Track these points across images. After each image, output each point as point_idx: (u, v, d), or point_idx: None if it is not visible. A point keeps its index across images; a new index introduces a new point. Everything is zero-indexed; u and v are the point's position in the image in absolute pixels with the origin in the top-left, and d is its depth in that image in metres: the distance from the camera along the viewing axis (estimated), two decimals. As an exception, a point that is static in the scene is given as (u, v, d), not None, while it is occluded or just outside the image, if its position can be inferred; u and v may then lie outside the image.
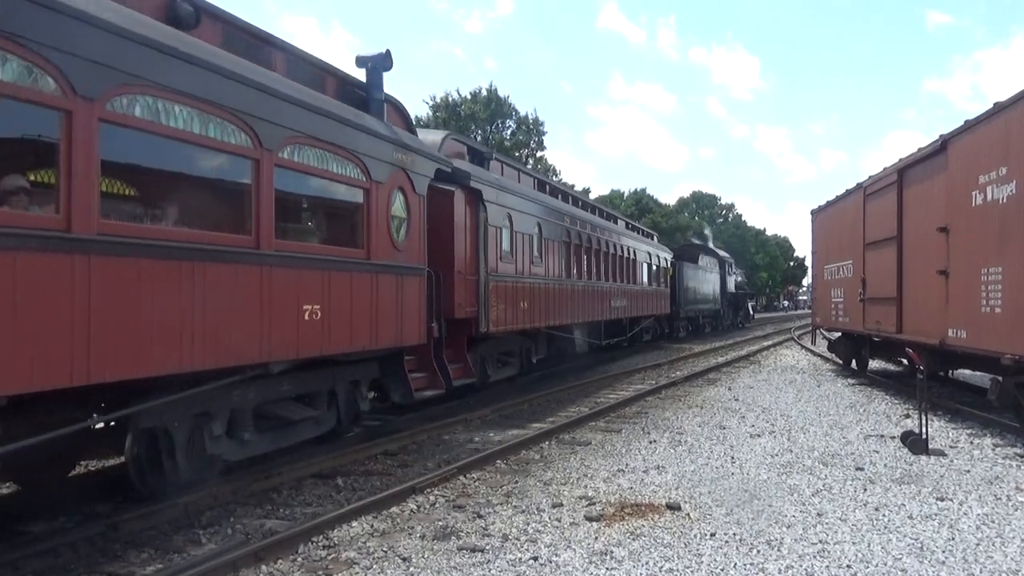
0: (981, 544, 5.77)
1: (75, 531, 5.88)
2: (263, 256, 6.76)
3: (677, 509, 6.70)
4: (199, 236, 6.24)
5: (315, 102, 7.65)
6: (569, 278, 16.87)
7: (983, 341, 9.88)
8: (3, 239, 4.53)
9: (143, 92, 5.57)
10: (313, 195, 8.32)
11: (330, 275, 7.79)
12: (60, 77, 4.89)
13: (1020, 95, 9.06)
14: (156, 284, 5.64)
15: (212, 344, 6.17)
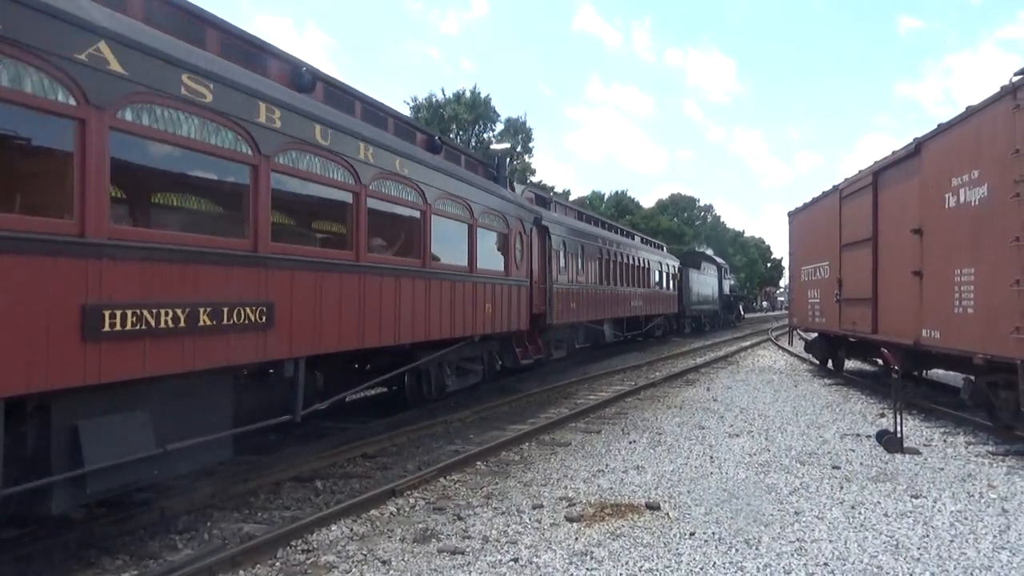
0: (955, 540, 5.86)
1: (48, 537, 5.78)
2: (477, 278, 11.85)
3: (657, 509, 6.73)
4: (451, 268, 11.04)
5: (483, 184, 12.68)
6: (601, 284, 21.71)
7: (956, 341, 10.03)
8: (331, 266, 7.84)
9: (381, 180, 8.99)
10: (493, 242, 13.04)
11: (494, 286, 12.71)
12: (252, 145, 6.63)
13: (991, 99, 9.22)
14: (415, 290, 9.77)
15: (456, 322, 11.05)
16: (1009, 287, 8.55)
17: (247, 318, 6.44)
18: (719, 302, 43.80)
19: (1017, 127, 8.54)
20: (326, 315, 7.65)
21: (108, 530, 6.03)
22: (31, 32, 4.63)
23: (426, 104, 55.85)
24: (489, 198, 12.64)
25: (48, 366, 4.72)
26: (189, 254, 5.90)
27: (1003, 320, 8.71)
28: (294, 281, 7.15)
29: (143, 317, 5.42)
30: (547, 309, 16.47)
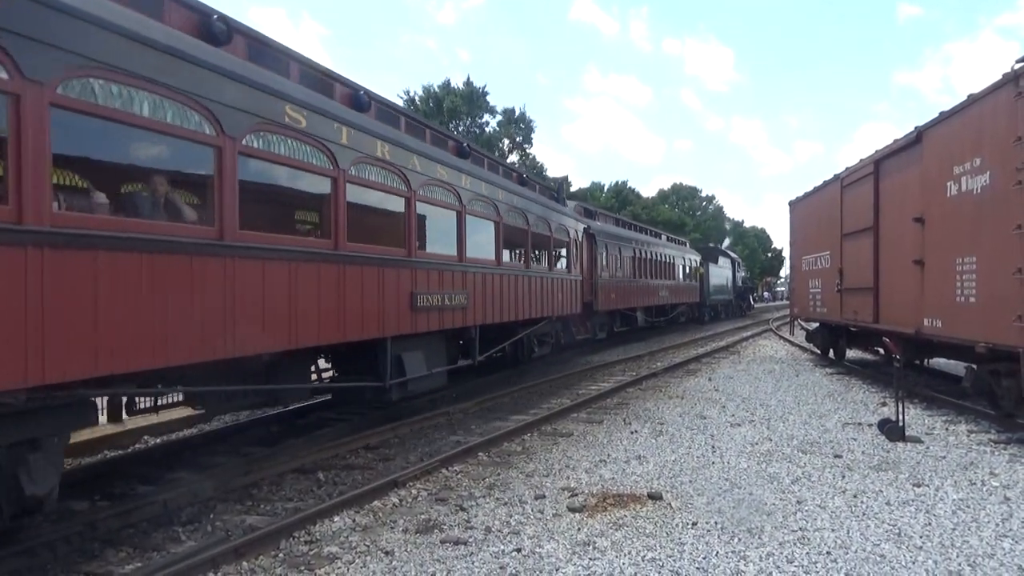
0: (957, 529, 5.87)
1: (52, 530, 5.80)
2: (553, 275, 15.93)
3: (659, 499, 6.74)
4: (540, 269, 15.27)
5: (557, 208, 16.97)
6: (635, 279, 26.18)
7: (958, 330, 10.02)
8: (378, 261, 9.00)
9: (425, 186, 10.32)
10: (562, 249, 17.29)
11: (561, 281, 16.66)
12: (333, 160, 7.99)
13: (993, 87, 9.17)
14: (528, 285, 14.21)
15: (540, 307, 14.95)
16: (1011, 275, 8.53)
17: (459, 302, 11.02)
18: (733, 292, 47.51)
19: (1019, 115, 8.50)
20: (488, 301, 12.22)
21: (112, 523, 6.04)
22: (187, 79, 5.87)
23: (426, 95, 55.68)
24: (560, 217, 16.99)
25: (399, 322, 9.27)
26: (441, 264, 10.51)
27: (1005, 308, 8.69)
28: (478, 280, 11.80)
29: (429, 300, 10.05)
30: (594, 299, 21.25)
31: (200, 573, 5.06)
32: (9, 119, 4.59)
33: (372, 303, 8.64)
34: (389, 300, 9.02)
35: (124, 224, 5.47)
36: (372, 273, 8.65)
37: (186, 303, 5.89)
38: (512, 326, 14.03)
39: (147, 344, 5.52)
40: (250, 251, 6.60)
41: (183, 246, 5.87)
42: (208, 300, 6.09)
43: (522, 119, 59.84)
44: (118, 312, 5.26)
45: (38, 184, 4.73)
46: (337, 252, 7.94)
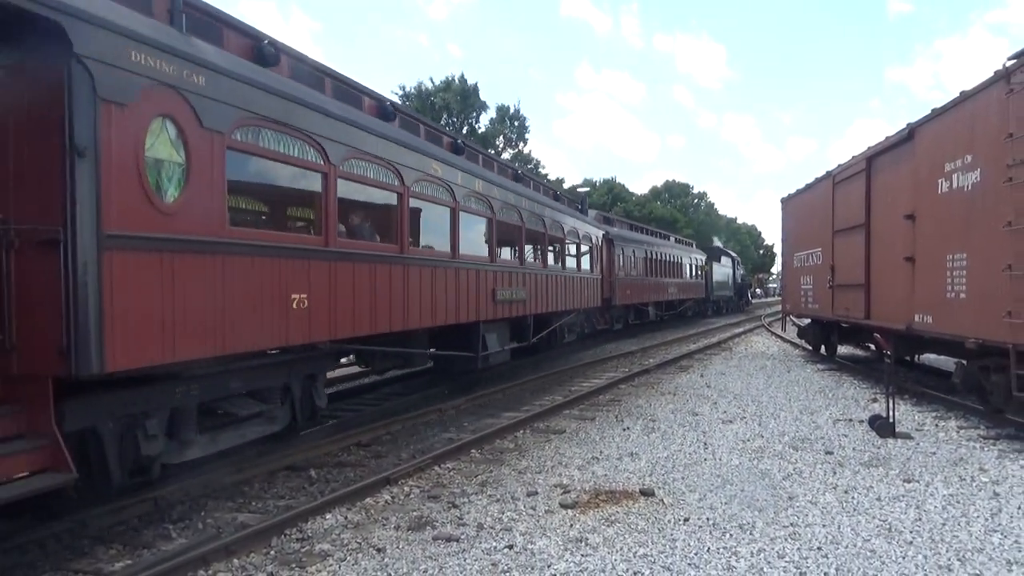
0: (947, 524, 5.90)
1: (41, 527, 5.76)
2: (581, 275, 19.07)
3: (651, 495, 6.75)
4: (571, 269, 18.58)
5: (583, 219, 20.26)
6: (647, 277, 29.42)
7: (948, 326, 10.07)
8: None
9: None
10: (587, 253, 20.08)
11: (585, 279, 19.36)
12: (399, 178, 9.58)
13: (984, 84, 9.21)
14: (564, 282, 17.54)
15: (571, 301, 18.02)
16: (1001, 272, 8.57)
17: (520, 296, 14.06)
18: (733, 289, 51.09)
19: (1011, 112, 8.53)
20: (539, 295, 15.25)
21: (102, 520, 6.00)
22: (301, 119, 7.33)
23: (416, 92, 55.51)
24: (585, 225, 19.99)
25: (486, 311, 12.25)
26: (510, 268, 13.69)
27: (995, 305, 8.74)
28: (531, 279, 14.78)
29: (503, 295, 12.98)
30: (612, 295, 24.20)
31: (191, 571, 5.04)
32: (194, 152, 6.01)
33: (472, 296, 11.77)
34: (481, 294, 12.14)
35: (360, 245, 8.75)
36: (473, 274, 11.84)
37: (385, 291, 8.96)
38: (550, 317, 16.98)
39: (364, 319, 8.49)
40: (418, 261, 9.95)
41: (369, 257, 8.75)
42: (386, 290, 9.02)
43: (516, 116, 59.75)
44: (354, 298, 8.29)
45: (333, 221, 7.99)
46: (454, 261, 11.25)
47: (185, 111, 5.88)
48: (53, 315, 4.94)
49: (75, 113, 4.96)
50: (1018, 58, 8.48)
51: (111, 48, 5.18)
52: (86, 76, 4.99)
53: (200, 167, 6.05)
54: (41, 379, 5.04)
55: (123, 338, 5.25)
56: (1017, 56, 8.51)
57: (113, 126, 5.21)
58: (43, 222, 4.93)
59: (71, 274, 4.94)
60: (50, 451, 4.98)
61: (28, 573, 5.19)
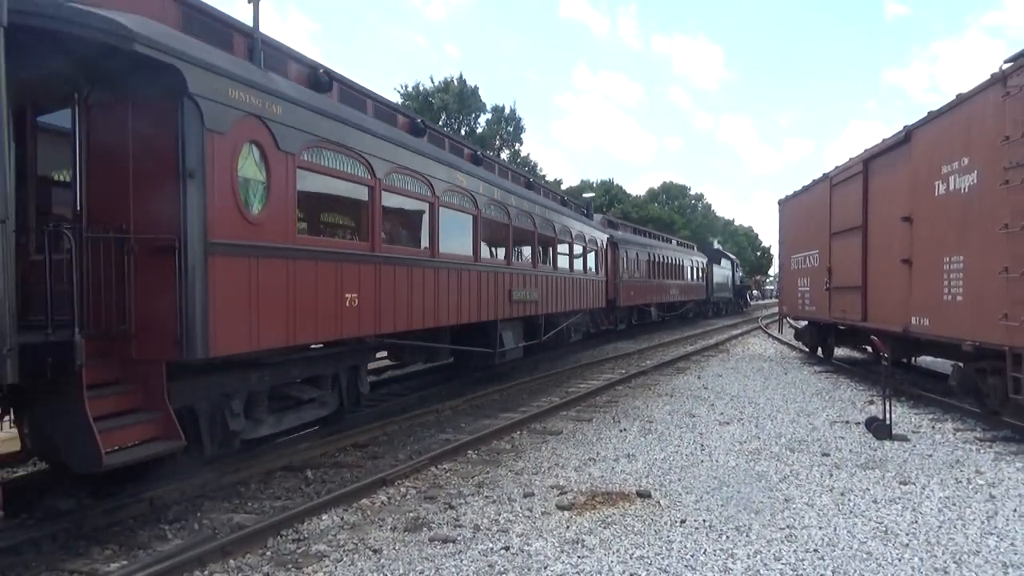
0: (943, 526, 5.90)
1: (37, 528, 5.75)
2: (587, 277, 20.08)
3: (648, 497, 6.74)
4: (578, 271, 19.44)
5: (588, 223, 20.98)
6: (650, 279, 30.21)
7: (945, 328, 10.08)
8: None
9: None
10: (592, 255, 20.89)
11: (591, 281, 20.51)
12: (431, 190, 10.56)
13: (981, 86, 9.23)
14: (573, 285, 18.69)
15: (577, 302, 19.07)
16: (998, 274, 8.58)
17: (533, 297, 15.05)
18: (733, 291, 52.26)
19: (1007, 114, 8.55)
20: (550, 296, 16.30)
21: (98, 520, 5.99)
22: (353, 140, 8.42)
23: (414, 92, 55.51)
24: (591, 230, 21.00)
25: (502, 310, 13.25)
26: (524, 271, 14.74)
27: (992, 307, 8.75)
28: (542, 280, 15.76)
29: (518, 295, 13.97)
30: (616, 296, 24.91)
31: (187, 572, 5.03)
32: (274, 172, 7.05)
33: (491, 297, 12.76)
34: (498, 295, 13.15)
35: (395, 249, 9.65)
36: (492, 276, 12.81)
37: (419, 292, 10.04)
38: (558, 317, 18.02)
39: (402, 316, 9.54)
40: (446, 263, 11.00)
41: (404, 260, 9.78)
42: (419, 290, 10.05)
43: (511, 117, 59.78)
44: (394, 298, 9.32)
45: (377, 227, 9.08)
46: (476, 264, 12.17)
47: (266, 136, 6.93)
48: (168, 309, 5.93)
49: (186, 141, 5.98)
50: (1014, 61, 8.50)
51: (214, 86, 6.23)
52: (196, 110, 6.01)
53: (277, 184, 7.10)
54: (155, 363, 6.03)
55: (222, 329, 6.27)
56: (1014, 59, 8.53)
57: (215, 151, 6.21)
58: (160, 232, 5.95)
59: (183, 275, 5.95)
60: (162, 423, 6.00)
61: (23, 574, 5.18)
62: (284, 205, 7.23)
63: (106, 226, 5.91)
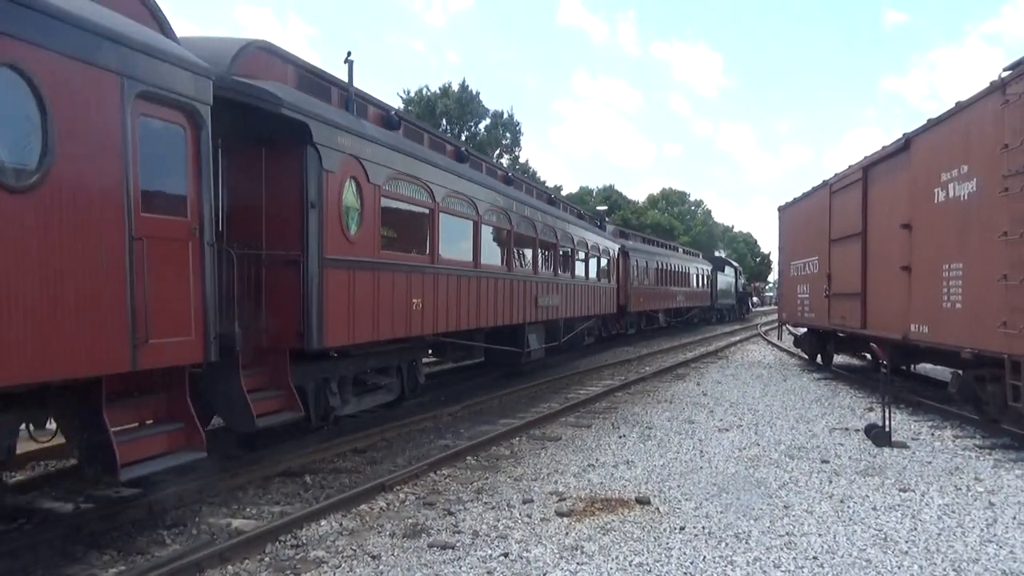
0: (942, 534, 5.90)
1: (34, 533, 5.74)
2: (600, 284, 21.74)
3: (647, 503, 6.73)
4: (592, 279, 20.87)
5: (601, 234, 22.74)
6: (658, 286, 31.59)
7: (944, 336, 10.08)
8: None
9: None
10: (604, 264, 22.25)
11: (603, 288, 22.02)
12: (475, 210, 12.24)
13: (980, 94, 9.25)
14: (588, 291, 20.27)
15: (592, 307, 20.72)
16: (997, 282, 8.59)
17: (555, 303, 16.45)
18: (735, 297, 53.45)
19: (1006, 122, 8.57)
20: (569, 302, 17.91)
21: (95, 525, 5.97)
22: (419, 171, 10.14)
23: (417, 98, 55.59)
24: (604, 240, 22.62)
25: (529, 314, 14.87)
26: (548, 279, 16.31)
27: (991, 315, 8.75)
28: (562, 287, 17.30)
29: (543, 301, 15.51)
30: (627, 302, 26.28)
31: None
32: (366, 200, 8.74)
33: (520, 302, 14.35)
34: (526, 301, 14.73)
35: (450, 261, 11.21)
36: (521, 284, 14.43)
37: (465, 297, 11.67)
38: (574, 321, 19.51)
39: (453, 318, 11.19)
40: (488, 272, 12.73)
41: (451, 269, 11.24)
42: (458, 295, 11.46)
43: (510, 122, 59.82)
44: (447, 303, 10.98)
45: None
46: (509, 274, 13.79)
47: (361, 172, 8.57)
48: (292, 309, 7.56)
49: (309, 179, 7.58)
50: (1013, 69, 8.53)
51: (329, 135, 7.88)
52: (316, 155, 7.63)
53: (367, 210, 8.76)
54: (281, 351, 7.67)
55: (332, 326, 7.90)
56: (1012, 67, 8.56)
57: (328, 186, 7.84)
58: (287, 249, 7.57)
59: (305, 283, 7.57)
60: (287, 398, 7.67)
61: (21, 578, 5.17)
62: (371, 226, 8.87)
63: (244, 244, 7.25)
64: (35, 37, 4.69)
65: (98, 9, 5.33)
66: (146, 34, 5.76)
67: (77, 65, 5.01)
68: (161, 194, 5.90)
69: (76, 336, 4.97)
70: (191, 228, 6.04)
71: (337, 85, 9.00)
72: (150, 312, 5.53)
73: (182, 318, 5.95)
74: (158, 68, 5.69)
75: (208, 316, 6.15)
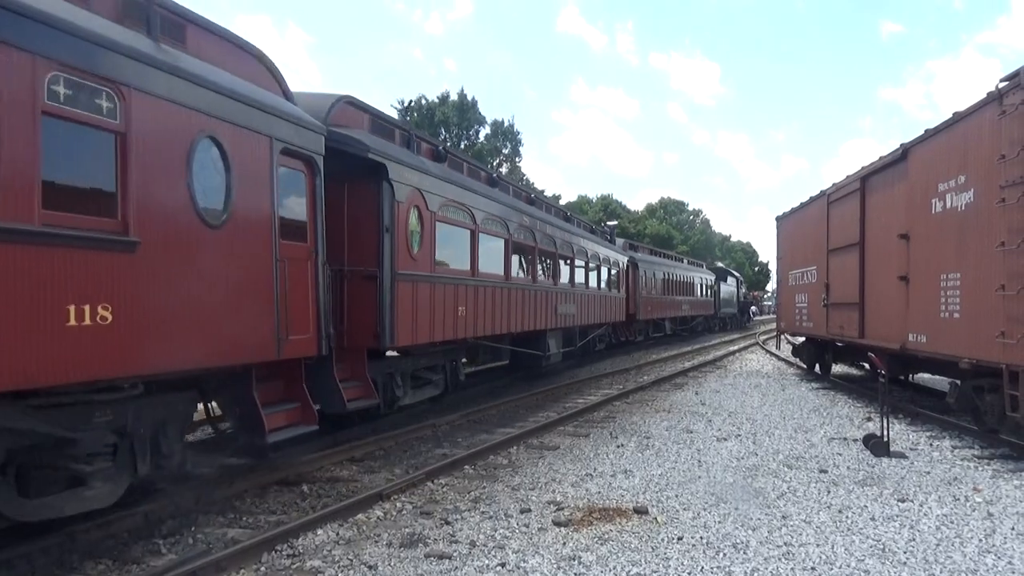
0: (941, 544, 5.88)
1: (30, 542, 5.70)
2: (612, 294, 23.88)
3: (645, 513, 6.72)
4: (604, 289, 22.72)
5: (611, 247, 24.41)
6: (664, 295, 33.11)
7: (942, 345, 10.09)
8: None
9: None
10: (614, 274, 24.04)
11: (614, 298, 23.86)
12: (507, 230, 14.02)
13: (977, 105, 9.29)
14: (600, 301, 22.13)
15: (604, 315, 22.70)
16: (994, 292, 8.61)
17: (572, 311, 18.28)
18: (737, 306, 55.69)
19: (1003, 133, 8.61)
20: (585, 310, 19.58)
21: (91, 534, 5.94)
22: (463, 197, 11.90)
23: (415, 106, 55.71)
24: (614, 253, 24.25)
25: (550, 321, 16.64)
26: (566, 289, 18.09)
27: (988, 325, 8.76)
28: (578, 297, 18.94)
29: (562, 309, 17.49)
30: (636, 310, 27.97)
31: (180, 587, 5.00)
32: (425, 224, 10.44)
33: (542, 310, 15.91)
34: (548, 309, 16.32)
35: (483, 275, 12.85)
36: (543, 294, 16.06)
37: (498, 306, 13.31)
38: (589, 328, 21.37)
39: (489, 325, 12.86)
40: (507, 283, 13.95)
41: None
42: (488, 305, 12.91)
43: (510, 131, 59.92)
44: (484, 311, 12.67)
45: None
46: (533, 285, 15.46)
47: (421, 202, 10.28)
48: (370, 315, 9.29)
49: (384, 209, 9.33)
50: (1010, 80, 8.56)
51: (400, 172, 9.64)
52: (390, 189, 9.36)
53: (426, 232, 10.40)
54: (360, 350, 9.43)
55: (400, 329, 9.60)
56: (1009, 78, 8.59)
57: (398, 214, 9.53)
58: (366, 266, 9.29)
59: (380, 294, 9.29)
60: (365, 388, 9.43)
61: (15, 588, 5.14)
62: (429, 246, 10.50)
63: (330, 262, 8.33)
64: (223, 114, 6.42)
65: (257, 89, 7.09)
66: (285, 104, 7.59)
67: (246, 132, 6.75)
68: (292, 225, 7.55)
69: (248, 331, 6.74)
70: (310, 251, 7.84)
71: (399, 127, 10.94)
72: (289, 316, 7.27)
73: (305, 321, 7.65)
74: (292, 129, 7.47)
75: (320, 320, 7.90)
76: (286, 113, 7.41)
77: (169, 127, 5.87)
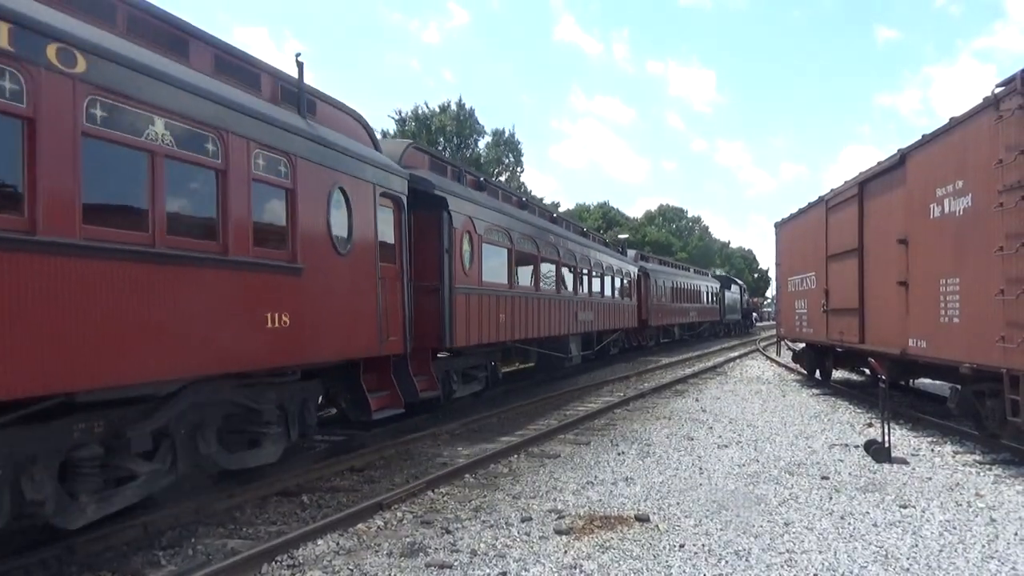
0: (944, 550, 5.86)
1: (29, 553, 5.68)
2: (625, 302, 25.90)
3: (646, 521, 6.69)
4: (616, 296, 24.72)
5: (621, 258, 26.36)
6: (673, 303, 35.06)
7: (942, 351, 10.07)
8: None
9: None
10: (627, 283, 26.49)
11: (625, 305, 25.93)
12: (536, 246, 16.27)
13: (974, 110, 9.30)
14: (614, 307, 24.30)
15: (617, 321, 24.52)
16: (994, 296, 8.60)
17: (590, 318, 20.29)
18: (740, 313, 57.30)
19: (1000, 138, 8.62)
20: (601, 317, 21.70)
21: (91, 546, 5.92)
22: (503, 221, 14.25)
23: (412, 116, 55.70)
24: (626, 265, 26.13)
25: (571, 327, 18.60)
26: (584, 298, 20.19)
27: (988, 329, 8.75)
28: (595, 304, 21.09)
29: (581, 316, 19.48)
30: (648, 317, 29.86)
31: (180, 598, 5.00)
32: (474, 245, 12.46)
33: (565, 317, 17.75)
34: (570, 316, 18.16)
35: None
36: (567, 303, 17.96)
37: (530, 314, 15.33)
38: (604, 333, 23.70)
39: (523, 330, 14.86)
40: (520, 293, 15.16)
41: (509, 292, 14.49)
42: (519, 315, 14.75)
43: (511, 141, 59.86)
44: (519, 317, 14.62)
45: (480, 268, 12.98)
46: (558, 295, 17.35)
47: (472, 227, 12.24)
48: (434, 321, 11.11)
49: (444, 234, 11.25)
50: (1007, 85, 8.58)
51: (457, 204, 11.62)
52: (449, 218, 11.30)
53: (475, 253, 12.36)
54: (426, 350, 11.16)
55: (457, 333, 11.48)
56: (1006, 83, 8.61)
57: (455, 238, 11.47)
58: (430, 281, 11.12)
59: (442, 304, 11.14)
60: (430, 382, 11.18)
61: (14, 601, 5.12)
62: (477, 264, 12.43)
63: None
64: (347, 169, 8.61)
65: (362, 147, 9.29)
66: (381, 157, 9.76)
67: (360, 181, 8.92)
68: (387, 250, 9.65)
69: (362, 333, 8.89)
70: (399, 271, 10.05)
71: (450, 164, 13.45)
72: (387, 321, 9.42)
73: (397, 325, 9.83)
74: (387, 176, 9.72)
75: (406, 325, 10.06)
76: (382, 164, 9.62)
77: (317, 183, 7.97)
